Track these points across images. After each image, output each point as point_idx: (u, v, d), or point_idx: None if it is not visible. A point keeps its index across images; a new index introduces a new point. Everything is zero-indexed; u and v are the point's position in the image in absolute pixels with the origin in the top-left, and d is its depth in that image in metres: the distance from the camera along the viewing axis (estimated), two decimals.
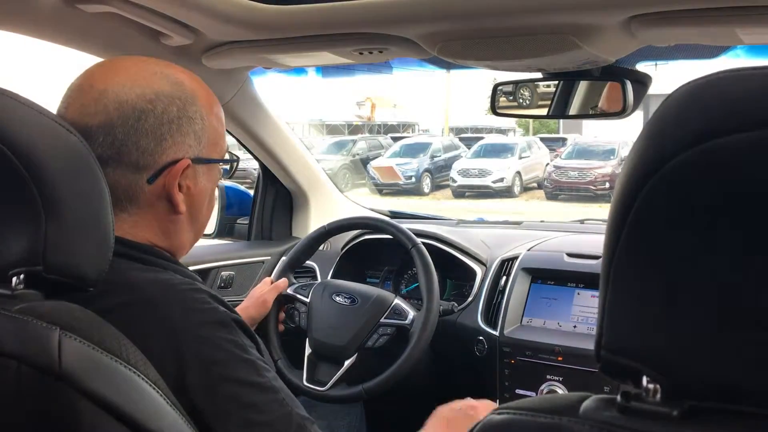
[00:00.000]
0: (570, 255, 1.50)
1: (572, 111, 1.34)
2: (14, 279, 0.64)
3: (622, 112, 1.25)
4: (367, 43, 1.23)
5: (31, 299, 0.64)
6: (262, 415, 0.74)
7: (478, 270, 1.61)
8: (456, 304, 1.57)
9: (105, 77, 0.81)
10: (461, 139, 17.81)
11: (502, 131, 24.44)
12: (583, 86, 1.32)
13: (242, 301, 1.77)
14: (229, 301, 0.84)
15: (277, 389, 0.77)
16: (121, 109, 0.79)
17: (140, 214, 0.82)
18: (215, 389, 0.72)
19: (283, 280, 1.52)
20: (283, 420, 0.75)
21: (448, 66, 1.51)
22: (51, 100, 0.81)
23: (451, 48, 1.18)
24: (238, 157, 0.95)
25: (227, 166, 0.94)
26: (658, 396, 0.42)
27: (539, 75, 1.34)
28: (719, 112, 0.40)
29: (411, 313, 1.42)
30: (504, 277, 1.54)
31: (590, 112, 1.32)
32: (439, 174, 14.80)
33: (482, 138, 17.49)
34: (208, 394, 0.72)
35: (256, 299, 1.45)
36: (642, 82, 1.27)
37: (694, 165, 0.40)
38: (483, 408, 1.13)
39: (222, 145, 0.90)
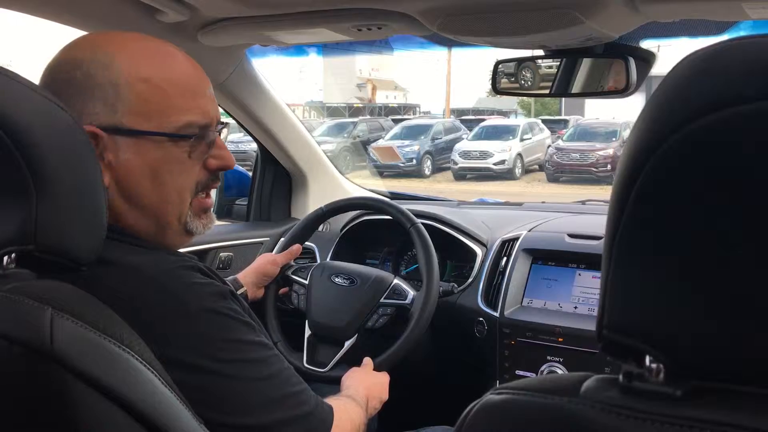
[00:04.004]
0: (571, 236, 1.49)
1: (575, 89, 1.32)
2: (5, 258, 0.63)
3: (625, 90, 1.24)
4: (365, 19, 1.21)
5: (22, 278, 0.63)
6: (271, 368, 0.81)
7: (479, 251, 1.60)
8: (456, 285, 1.57)
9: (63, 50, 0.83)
10: (462, 121, 17.75)
11: (503, 113, 24.37)
12: (585, 64, 1.30)
13: None
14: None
15: (273, 347, 0.84)
16: (44, 77, 0.81)
17: None
18: (225, 353, 0.77)
19: (297, 246, 1.51)
20: (285, 372, 0.83)
21: (449, 44, 1.48)
22: None
23: (452, 24, 1.16)
24: (192, 135, 0.82)
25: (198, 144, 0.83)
26: (661, 376, 0.42)
27: (541, 52, 1.32)
28: (723, 83, 0.39)
29: (411, 293, 1.41)
30: (504, 258, 1.53)
31: (593, 90, 1.30)
32: (440, 156, 14.77)
33: (484, 120, 17.43)
34: (219, 360, 0.76)
35: (268, 259, 1.46)
36: (645, 59, 1.25)
37: (699, 138, 0.39)
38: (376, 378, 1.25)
39: (166, 119, 0.80)
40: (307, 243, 1.67)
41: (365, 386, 1.16)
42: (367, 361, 1.30)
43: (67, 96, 0.77)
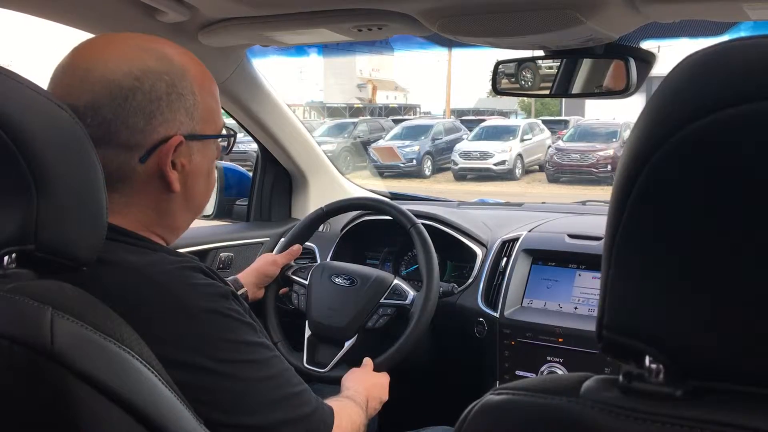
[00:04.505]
0: (571, 236, 1.49)
1: (575, 90, 1.32)
2: (6, 258, 0.63)
3: (625, 91, 1.23)
4: (365, 19, 1.21)
5: (23, 279, 0.63)
6: (272, 368, 0.81)
7: (479, 251, 1.60)
8: (456, 286, 1.57)
9: (91, 55, 0.79)
10: (463, 122, 17.75)
11: (503, 113, 24.38)
12: (586, 65, 1.30)
13: None
14: None
15: (274, 348, 0.84)
16: (107, 87, 0.77)
17: (133, 194, 0.81)
18: (227, 353, 0.77)
19: (297, 246, 1.51)
20: (286, 373, 0.83)
21: (449, 44, 1.48)
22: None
23: (452, 24, 1.16)
24: (235, 132, 0.93)
25: (224, 143, 0.92)
26: (661, 376, 0.42)
27: (541, 53, 1.32)
28: (724, 83, 0.39)
29: (411, 293, 1.41)
30: (504, 259, 1.53)
31: (593, 90, 1.30)
32: (440, 156, 14.77)
33: (484, 120, 17.42)
34: (220, 360, 0.76)
35: (268, 260, 1.46)
36: (646, 60, 1.25)
37: (699, 138, 0.39)
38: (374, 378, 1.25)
39: (217, 122, 0.87)
40: (307, 243, 1.67)
41: (365, 387, 1.16)
42: (367, 361, 1.30)
43: (153, 108, 0.78)
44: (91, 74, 0.77)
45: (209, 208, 1.86)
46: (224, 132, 0.90)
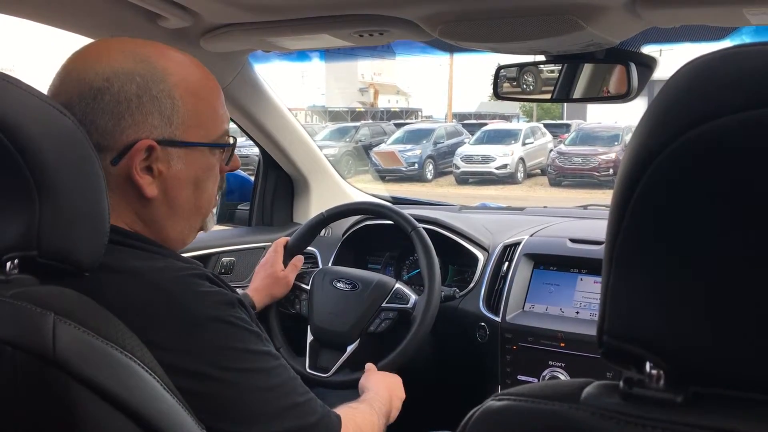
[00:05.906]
0: (573, 240, 1.49)
1: (576, 94, 1.32)
2: (8, 264, 0.64)
3: (626, 95, 1.24)
4: (367, 24, 1.21)
5: (25, 284, 0.64)
6: (278, 377, 0.80)
7: (480, 256, 1.60)
8: (458, 290, 1.57)
9: (77, 58, 0.80)
10: (465, 125, 17.76)
11: (505, 117, 24.40)
12: (587, 69, 1.30)
13: (243, 285, 1.77)
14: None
15: (280, 356, 0.83)
16: (79, 87, 0.77)
17: (113, 197, 0.79)
18: (232, 362, 0.76)
19: (299, 258, 1.50)
20: (291, 382, 0.82)
21: (450, 49, 1.49)
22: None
23: (453, 30, 1.16)
24: (234, 142, 0.89)
25: (227, 152, 0.89)
26: (662, 382, 0.42)
27: (543, 57, 1.32)
28: (724, 90, 0.39)
29: (413, 297, 1.41)
30: (506, 263, 1.53)
31: (594, 95, 1.30)
32: (442, 160, 14.78)
33: (486, 124, 17.43)
34: (226, 369, 0.75)
35: (278, 279, 1.44)
36: (647, 65, 1.26)
37: (699, 144, 0.39)
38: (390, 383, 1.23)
39: (209, 129, 0.84)
40: (309, 248, 1.67)
41: (386, 386, 1.16)
42: (370, 366, 1.30)
43: (121, 110, 0.77)
44: (69, 76, 0.78)
45: None
46: (226, 140, 0.87)
